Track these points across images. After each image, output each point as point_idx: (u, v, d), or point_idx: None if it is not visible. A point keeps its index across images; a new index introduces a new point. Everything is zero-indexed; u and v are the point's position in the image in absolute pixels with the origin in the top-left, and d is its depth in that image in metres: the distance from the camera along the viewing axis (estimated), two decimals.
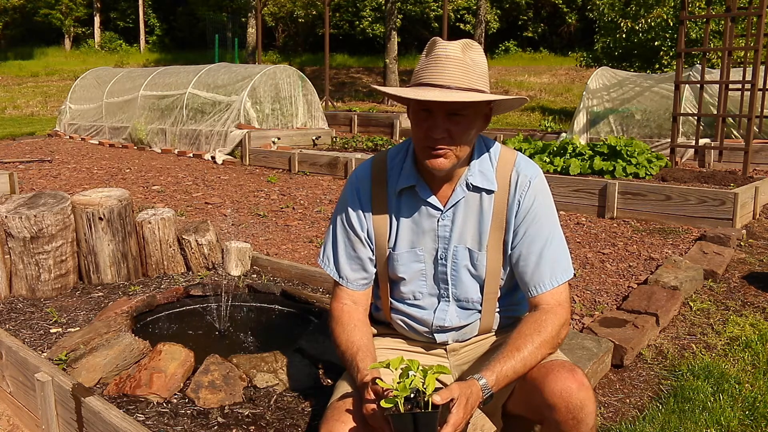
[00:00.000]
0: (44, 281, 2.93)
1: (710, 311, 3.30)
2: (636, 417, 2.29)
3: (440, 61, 1.50)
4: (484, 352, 1.76)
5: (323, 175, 7.50)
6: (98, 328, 2.33)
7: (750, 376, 2.59)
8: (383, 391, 1.36)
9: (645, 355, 2.77)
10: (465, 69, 1.50)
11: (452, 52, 1.50)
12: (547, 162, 6.46)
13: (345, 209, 1.73)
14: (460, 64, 1.50)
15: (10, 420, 2.28)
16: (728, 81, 7.23)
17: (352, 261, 1.73)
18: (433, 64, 1.51)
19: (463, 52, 1.51)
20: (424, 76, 1.52)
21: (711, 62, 11.67)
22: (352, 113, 12.73)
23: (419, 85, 1.52)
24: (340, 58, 28.22)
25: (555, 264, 1.62)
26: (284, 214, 5.50)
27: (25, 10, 34.37)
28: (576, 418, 1.44)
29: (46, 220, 2.86)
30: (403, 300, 1.76)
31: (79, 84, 12.60)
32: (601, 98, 9.29)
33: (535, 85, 20.55)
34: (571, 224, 5.11)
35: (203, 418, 1.87)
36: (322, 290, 2.96)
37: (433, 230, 1.68)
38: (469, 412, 1.40)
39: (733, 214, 4.80)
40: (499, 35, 29.01)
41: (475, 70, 1.51)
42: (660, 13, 13.58)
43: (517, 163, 1.67)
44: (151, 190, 6.55)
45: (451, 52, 1.50)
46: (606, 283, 3.69)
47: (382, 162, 1.73)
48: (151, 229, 3.18)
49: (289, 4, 27.80)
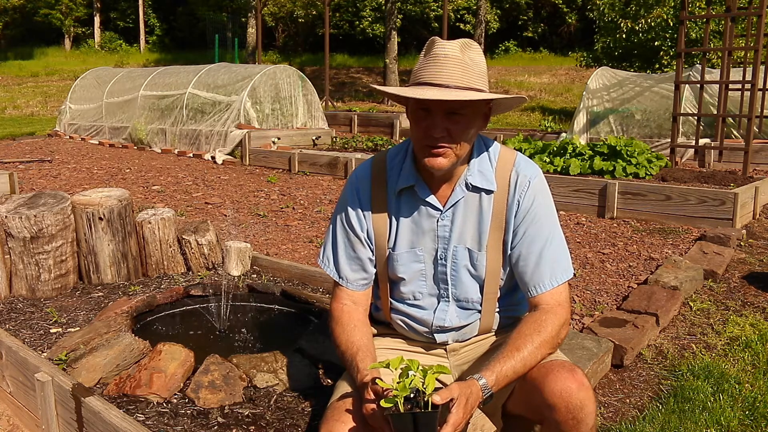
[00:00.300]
0: (44, 281, 2.93)
1: (710, 311, 3.30)
2: (636, 417, 2.29)
3: (439, 60, 1.50)
4: (484, 352, 1.76)
5: (323, 175, 7.50)
6: (98, 328, 2.33)
7: (750, 376, 2.59)
8: (383, 391, 1.36)
9: (645, 355, 2.77)
10: (464, 68, 1.50)
11: (451, 52, 1.50)
12: (547, 162, 6.46)
13: (345, 209, 1.73)
14: (459, 63, 1.50)
15: (10, 420, 2.28)
16: (728, 81, 7.23)
17: (352, 261, 1.73)
18: (431, 64, 1.51)
19: (462, 52, 1.51)
20: (423, 75, 1.52)
21: (711, 62, 11.67)
22: (352, 113, 12.73)
23: (418, 85, 1.52)
24: (340, 58, 28.22)
25: (555, 264, 1.62)
26: (284, 214, 5.50)
27: (25, 10, 34.37)
28: (576, 418, 1.44)
29: (46, 220, 2.86)
30: (403, 300, 1.76)
31: (79, 84, 12.61)
32: (601, 98, 9.29)
33: (535, 85, 20.55)
34: (571, 224, 5.11)
35: (203, 418, 1.87)
36: (322, 290, 2.96)
37: (433, 230, 1.68)
38: (469, 412, 1.40)
39: (733, 214, 4.80)
40: (499, 35, 29.01)
41: (474, 70, 1.51)
42: (660, 13, 13.58)
43: (516, 163, 1.67)
44: (151, 190, 6.55)
45: (450, 52, 1.50)
46: (606, 283, 3.69)
47: (381, 162, 1.73)
48: (151, 229, 3.18)
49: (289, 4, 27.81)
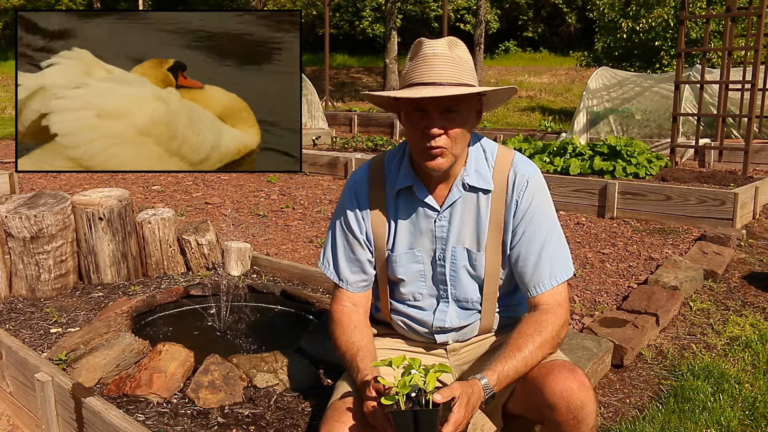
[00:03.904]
0: (44, 281, 2.93)
1: (710, 311, 3.30)
2: (636, 417, 2.29)
3: (428, 59, 1.50)
4: (484, 352, 1.76)
5: (323, 175, 7.50)
6: (98, 328, 2.33)
7: (750, 376, 2.59)
8: (384, 389, 1.36)
9: (645, 355, 2.77)
10: (454, 65, 1.50)
11: (440, 50, 1.51)
12: (547, 162, 6.46)
13: (343, 212, 1.73)
14: (448, 60, 1.50)
15: (10, 420, 2.28)
16: (728, 81, 7.23)
17: (352, 263, 1.73)
18: (422, 63, 1.51)
19: (450, 49, 1.52)
20: (415, 76, 1.52)
21: (711, 62, 11.67)
22: (352, 113, 12.73)
23: (410, 86, 1.52)
24: (340, 58, 28.22)
25: (554, 264, 1.62)
26: (284, 214, 5.50)
27: (25, 10, 34.40)
28: (576, 418, 1.44)
29: (46, 220, 2.86)
30: (403, 301, 1.76)
31: None
32: (601, 98, 9.29)
33: (535, 85, 20.55)
34: (571, 224, 5.11)
35: (203, 418, 1.87)
36: (322, 290, 2.96)
37: (431, 231, 1.68)
38: (470, 411, 1.40)
39: (733, 214, 4.80)
40: (499, 35, 28.99)
41: (463, 66, 1.52)
42: (661, 13, 13.58)
43: (514, 163, 1.67)
44: (151, 190, 6.55)
45: (438, 50, 1.51)
46: (606, 283, 3.69)
47: (379, 164, 1.73)
48: (151, 229, 3.18)
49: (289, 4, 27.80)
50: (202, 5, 31.36)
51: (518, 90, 1.69)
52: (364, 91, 1.79)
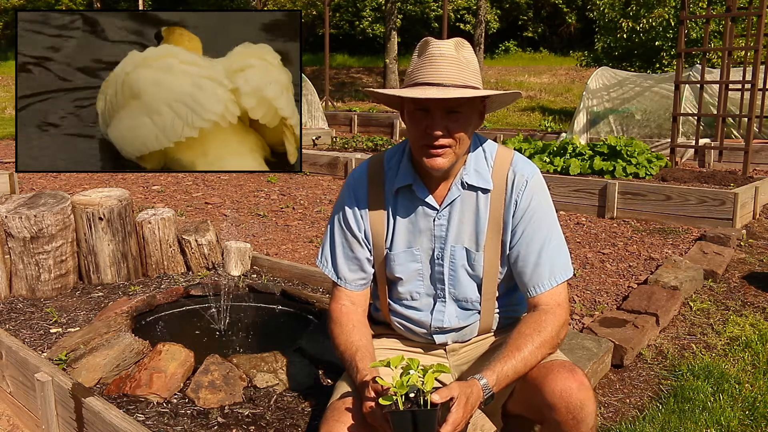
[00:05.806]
0: (44, 281, 2.93)
1: (710, 311, 3.30)
2: (636, 417, 2.29)
3: (434, 59, 1.50)
4: (484, 352, 1.76)
5: (323, 175, 7.50)
6: (98, 328, 2.33)
7: (750, 376, 2.59)
8: (383, 389, 1.36)
9: (645, 355, 2.77)
10: (460, 66, 1.50)
11: (446, 51, 1.51)
12: (547, 162, 6.46)
13: (342, 210, 1.73)
14: (455, 61, 1.50)
15: (10, 420, 2.28)
16: (728, 81, 7.23)
17: (350, 261, 1.73)
18: (427, 63, 1.51)
19: (456, 50, 1.52)
20: (420, 75, 1.52)
21: (711, 62, 11.67)
22: (352, 113, 12.73)
23: (416, 85, 1.52)
24: (340, 58, 28.22)
25: (554, 264, 1.62)
26: (284, 214, 5.50)
27: (26, 10, 34.40)
28: (576, 418, 1.44)
29: (46, 220, 2.86)
30: (401, 301, 1.76)
31: None
32: (601, 98, 9.29)
33: (535, 85, 20.55)
34: (571, 224, 5.11)
35: (203, 418, 1.87)
36: (322, 290, 2.96)
37: (430, 230, 1.68)
38: (469, 411, 1.40)
39: (733, 214, 4.80)
40: (499, 35, 28.99)
41: (468, 68, 1.52)
42: (661, 13, 13.58)
43: (513, 163, 1.67)
44: (151, 190, 6.55)
45: (445, 51, 1.51)
46: (606, 283, 3.69)
47: (379, 163, 1.73)
48: (151, 229, 3.18)
49: (289, 4, 27.80)
50: (202, 5, 31.37)
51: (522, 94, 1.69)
52: (367, 89, 1.79)
